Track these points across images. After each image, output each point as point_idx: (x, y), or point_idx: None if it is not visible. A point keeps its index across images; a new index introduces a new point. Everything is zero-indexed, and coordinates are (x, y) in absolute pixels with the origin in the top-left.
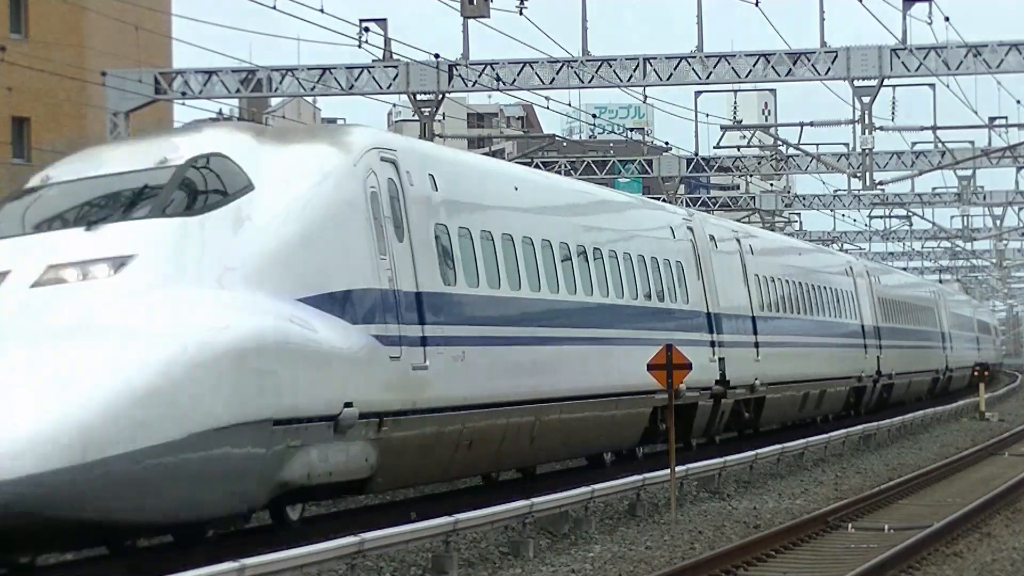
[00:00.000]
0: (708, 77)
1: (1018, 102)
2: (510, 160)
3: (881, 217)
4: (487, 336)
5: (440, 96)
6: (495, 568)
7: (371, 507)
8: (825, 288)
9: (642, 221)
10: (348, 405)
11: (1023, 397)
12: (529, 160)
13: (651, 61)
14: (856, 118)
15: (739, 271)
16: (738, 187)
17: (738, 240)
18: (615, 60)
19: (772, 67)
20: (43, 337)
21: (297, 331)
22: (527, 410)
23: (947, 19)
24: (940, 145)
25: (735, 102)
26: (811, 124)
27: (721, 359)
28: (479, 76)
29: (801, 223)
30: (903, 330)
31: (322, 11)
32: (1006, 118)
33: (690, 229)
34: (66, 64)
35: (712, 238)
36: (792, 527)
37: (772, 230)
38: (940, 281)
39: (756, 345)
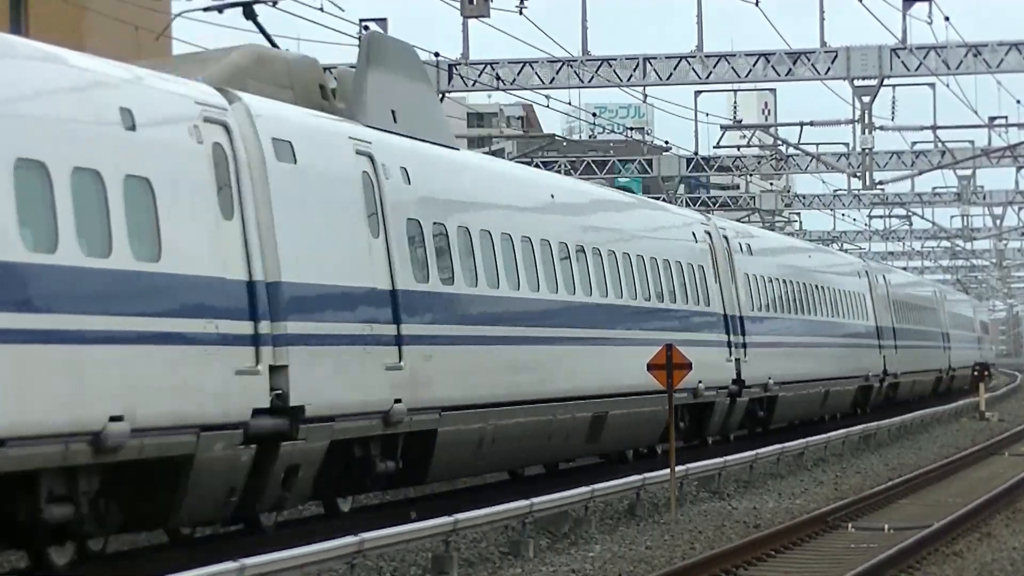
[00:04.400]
0: (708, 77)
1: (1018, 102)
2: (510, 160)
3: (881, 217)
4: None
5: (440, 96)
6: (495, 568)
7: (371, 507)
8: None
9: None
10: None
11: (1023, 397)
12: (529, 160)
13: (651, 61)
14: (856, 118)
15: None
16: (738, 187)
17: (884, 276)
18: (615, 60)
19: (772, 67)
20: None
21: None
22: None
23: (947, 19)
24: (940, 145)
25: (735, 102)
26: (811, 124)
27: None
28: (479, 76)
29: (801, 223)
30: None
31: (322, 11)
32: (1006, 118)
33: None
34: None
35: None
36: (792, 527)
37: (772, 230)
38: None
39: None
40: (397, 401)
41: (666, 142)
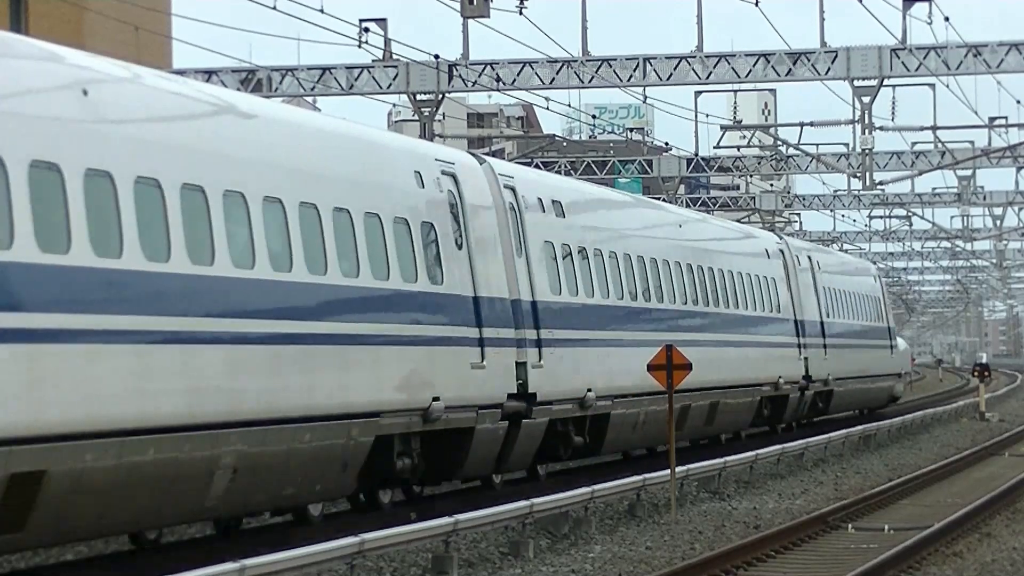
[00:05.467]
0: (708, 77)
1: (1018, 102)
2: (509, 160)
3: (881, 217)
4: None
5: (440, 96)
6: (495, 568)
7: (371, 507)
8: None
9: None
10: None
11: (1023, 397)
12: (529, 160)
13: (651, 61)
14: (856, 118)
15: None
16: (738, 187)
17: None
18: (615, 60)
19: (772, 67)
20: None
21: None
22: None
23: (947, 19)
24: (940, 145)
25: (735, 102)
26: (811, 124)
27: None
28: (479, 76)
29: (801, 223)
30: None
31: (322, 11)
32: (1006, 118)
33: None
34: None
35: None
36: (792, 527)
37: (772, 230)
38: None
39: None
40: (588, 390)
41: (666, 143)
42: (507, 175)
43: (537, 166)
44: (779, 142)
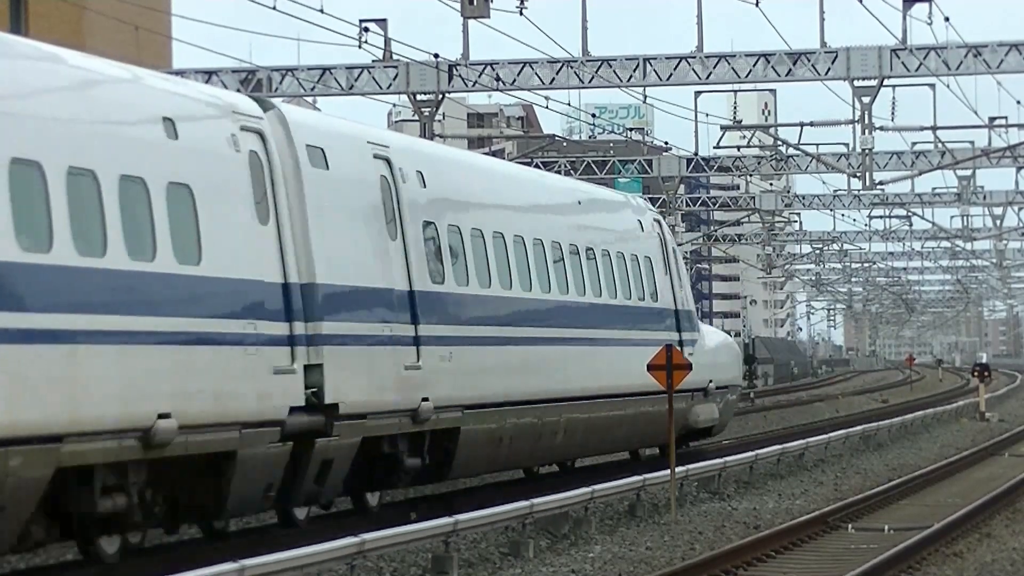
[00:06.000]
0: (708, 77)
1: (1018, 102)
2: (510, 160)
3: (881, 217)
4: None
5: (440, 96)
6: (495, 568)
7: (370, 507)
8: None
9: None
10: None
11: (1023, 397)
12: (529, 160)
13: (651, 61)
14: (856, 118)
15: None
16: (738, 187)
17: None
18: (615, 60)
19: (772, 67)
20: None
21: None
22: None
23: (947, 19)
24: (940, 145)
25: (735, 102)
26: (811, 124)
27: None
28: (479, 76)
29: (801, 223)
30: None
31: (322, 11)
32: (1006, 118)
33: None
34: None
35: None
36: (792, 527)
37: (772, 230)
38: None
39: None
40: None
41: (666, 142)
42: None
43: (537, 166)
44: (779, 142)
